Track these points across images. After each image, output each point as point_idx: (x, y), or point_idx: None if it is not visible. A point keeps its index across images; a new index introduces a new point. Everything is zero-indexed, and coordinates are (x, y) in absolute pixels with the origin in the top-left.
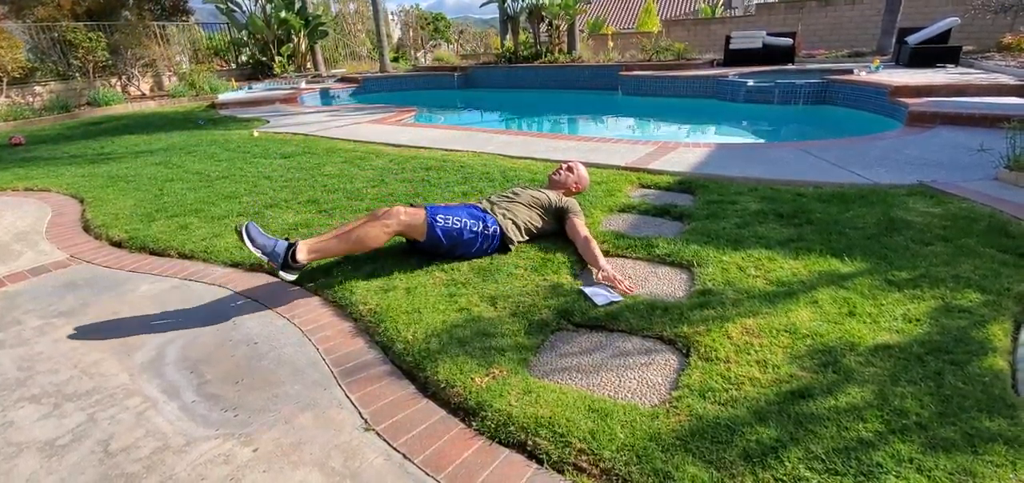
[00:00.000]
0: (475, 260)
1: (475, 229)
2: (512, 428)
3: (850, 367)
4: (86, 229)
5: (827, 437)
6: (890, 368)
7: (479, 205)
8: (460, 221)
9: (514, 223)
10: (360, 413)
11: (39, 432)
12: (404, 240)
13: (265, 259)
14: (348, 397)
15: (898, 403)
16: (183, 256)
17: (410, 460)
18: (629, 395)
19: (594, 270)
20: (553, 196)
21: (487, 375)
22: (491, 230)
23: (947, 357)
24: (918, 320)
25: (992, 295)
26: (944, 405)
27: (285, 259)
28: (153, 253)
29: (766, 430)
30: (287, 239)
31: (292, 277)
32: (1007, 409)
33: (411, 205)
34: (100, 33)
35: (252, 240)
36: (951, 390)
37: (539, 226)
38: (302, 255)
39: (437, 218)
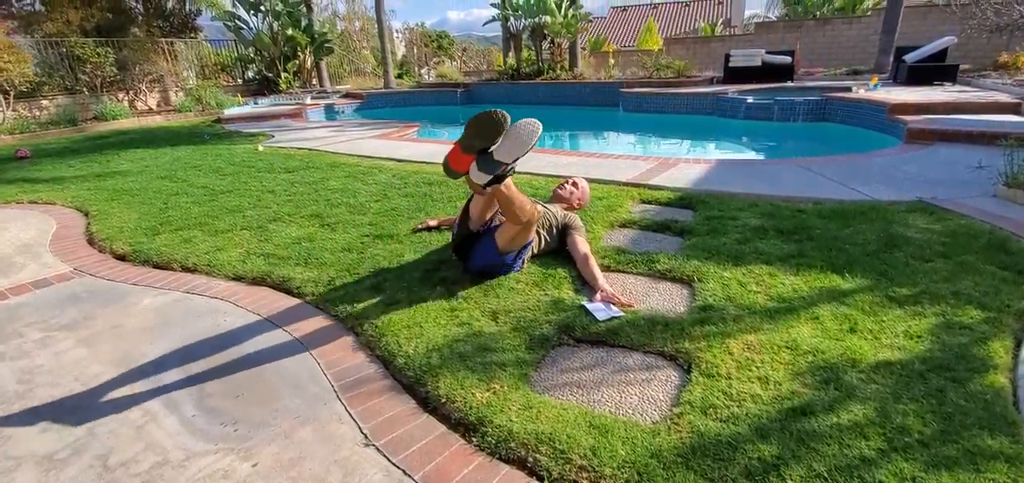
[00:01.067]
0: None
1: (516, 259)
2: (512, 444)
3: (852, 384)
4: (90, 242)
5: (829, 455)
6: (892, 385)
7: None
8: (521, 256)
9: (535, 245)
10: (360, 428)
11: (38, 445)
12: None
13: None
14: (348, 412)
15: (900, 420)
16: (186, 269)
17: (409, 476)
18: (630, 411)
19: (594, 287)
20: (558, 213)
21: (488, 390)
22: (523, 256)
23: (948, 374)
24: (919, 337)
25: (992, 312)
26: (946, 423)
27: (500, 174)
28: (156, 266)
29: (768, 447)
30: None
31: (486, 177)
32: (1009, 427)
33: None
34: (108, 49)
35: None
36: (953, 407)
37: (548, 242)
38: (507, 181)
39: (527, 248)
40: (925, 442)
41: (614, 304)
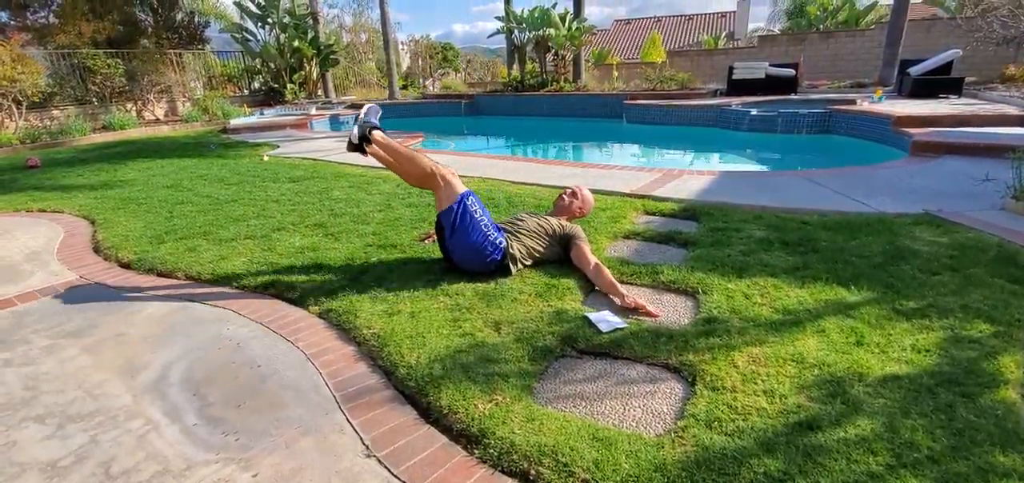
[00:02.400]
0: (479, 284)
1: (485, 230)
2: (515, 456)
3: (859, 398)
4: (96, 250)
5: (836, 470)
6: (899, 399)
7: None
8: (480, 216)
9: (520, 247)
10: (362, 439)
11: (42, 453)
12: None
13: (355, 127)
14: (350, 422)
15: (908, 436)
16: (190, 278)
17: None
18: (634, 424)
19: (616, 299)
20: (557, 223)
21: (490, 402)
22: (498, 241)
23: (958, 389)
24: (927, 350)
25: (1002, 326)
26: (956, 438)
27: (363, 135)
28: (161, 274)
29: (774, 462)
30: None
31: (355, 147)
32: (1021, 443)
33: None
34: (119, 60)
35: (357, 118)
36: (962, 423)
37: (542, 252)
38: (377, 136)
39: (469, 200)
40: (935, 458)
41: (641, 313)
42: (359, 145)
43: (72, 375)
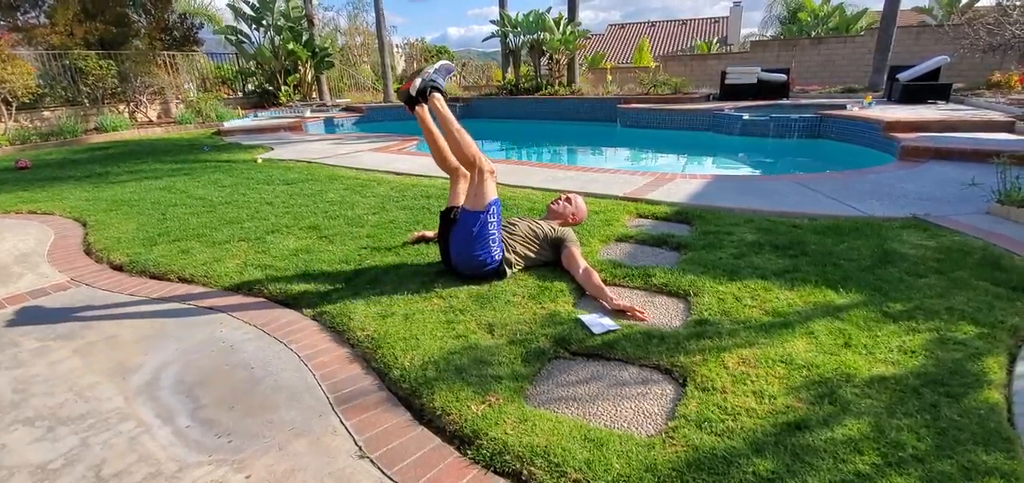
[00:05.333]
0: (473, 287)
1: (491, 249)
2: (507, 457)
3: (847, 399)
4: (88, 252)
5: (824, 470)
6: (886, 400)
7: None
8: (493, 231)
9: (513, 253)
10: (355, 440)
11: (32, 455)
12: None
13: (419, 79)
14: (343, 423)
15: (895, 436)
16: (183, 280)
17: None
18: (625, 425)
19: (604, 302)
20: (549, 227)
21: (483, 403)
22: (497, 252)
23: (943, 389)
24: (913, 352)
25: (986, 328)
26: (941, 438)
27: (422, 89)
28: (153, 277)
29: (763, 462)
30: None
31: (410, 98)
32: (1004, 443)
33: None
34: (111, 62)
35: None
36: (947, 423)
37: (534, 257)
38: (437, 98)
39: (495, 208)
40: (920, 458)
41: (628, 315)
42: (415, 98)
43: (63, 377)
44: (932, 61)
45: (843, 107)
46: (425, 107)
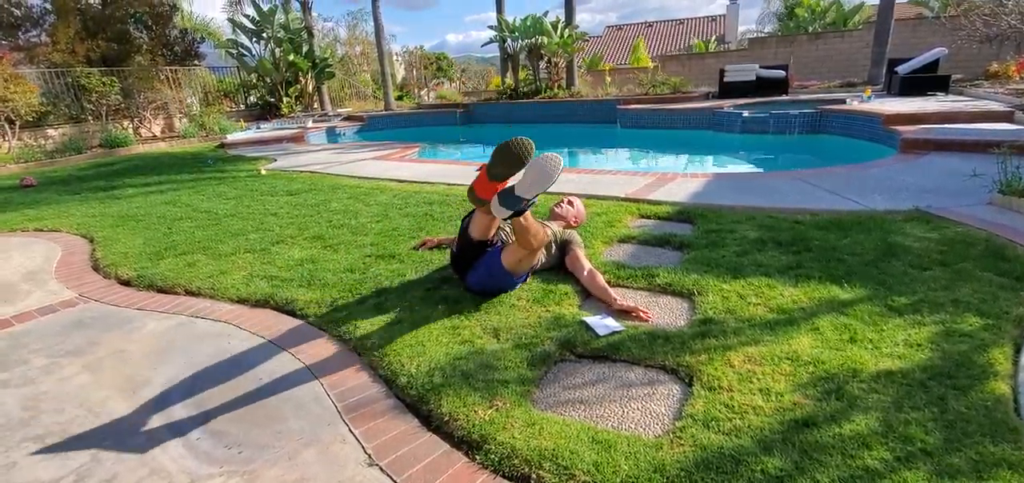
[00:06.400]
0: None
1: (514, 282)
2: (516, 461)
3: (854, 394)
4: (95, 268)
5: (833, 466)
6: (894, 395)
7: None
8: (521, 279)
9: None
10: (364, 448)
11: (42, 473)
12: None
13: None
14: (352, 432)
15: (903, 430)
16: (190, 293)
17: None
18: (632, 426)
19: (610, 304)
20: (555, 230)
21: (490, 408)
22: (518, 282)
23: (950, 382)
24: (919, 345)
25: (991, 319)
26: (949, 431)
27: (518, 210)
28: (161, 291)
29: (771, 460)
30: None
31: (507, 212)
32: (1011, 433)
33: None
34: (114, 78)
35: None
36: (955, 416)
37: (544, 262)
38: (529, 215)
39: (529, 275)
40: (929, 451)
41: (633, 315)
42: (512, 211)
43: (72, 394)
44: (930, 53)
45: (842, 102)
46: (520, 220)
